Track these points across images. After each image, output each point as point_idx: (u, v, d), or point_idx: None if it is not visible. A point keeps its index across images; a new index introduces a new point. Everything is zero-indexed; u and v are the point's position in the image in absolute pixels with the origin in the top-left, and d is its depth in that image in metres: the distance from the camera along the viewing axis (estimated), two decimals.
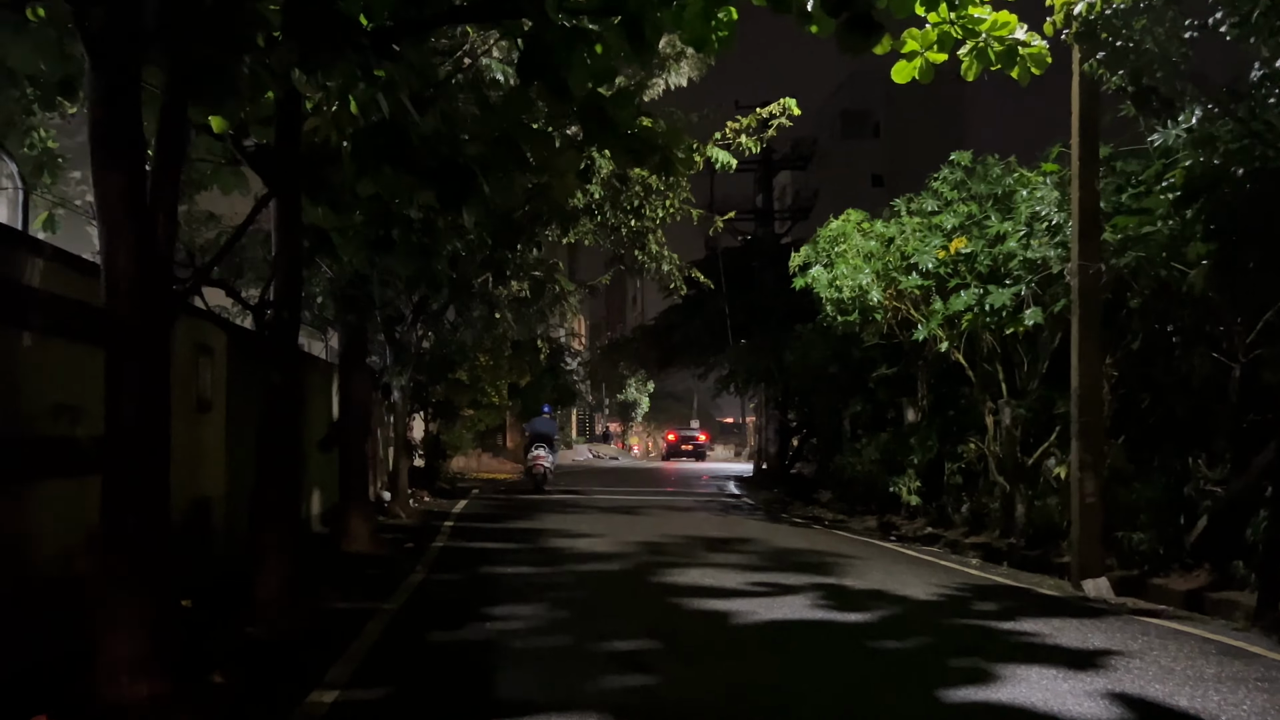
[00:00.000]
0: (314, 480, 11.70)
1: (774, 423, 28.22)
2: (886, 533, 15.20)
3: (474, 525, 13.94)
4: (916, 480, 16.04)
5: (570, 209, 13.68)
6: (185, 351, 7.04)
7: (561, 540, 11.74)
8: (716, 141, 13.34)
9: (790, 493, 23.23)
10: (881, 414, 19.24)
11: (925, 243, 12.57)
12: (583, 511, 16.54)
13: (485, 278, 15.97)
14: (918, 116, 52.13)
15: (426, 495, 19.58)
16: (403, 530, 13.07)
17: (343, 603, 7.17)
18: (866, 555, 11.14)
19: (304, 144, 7.28)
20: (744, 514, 17.42)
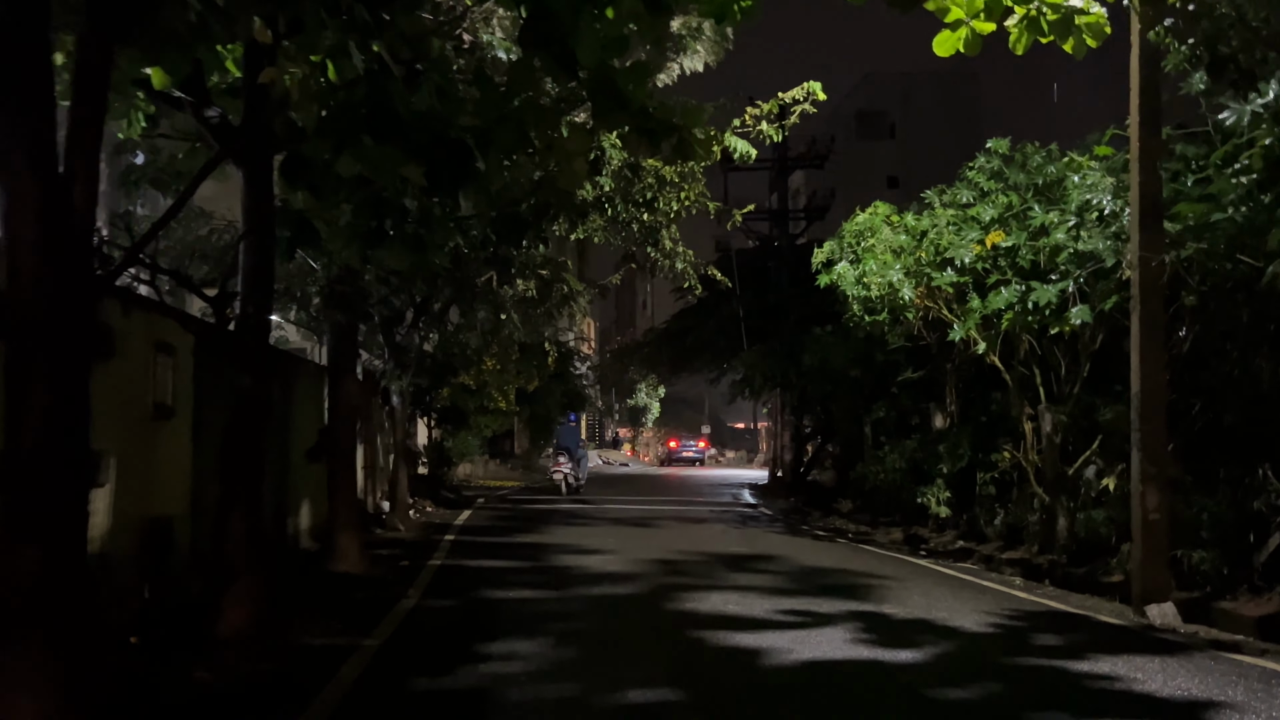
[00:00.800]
0: (303, 493, 10.85)
1: (789, 429, 27.30)
2: (915, 547, 14.28)
3: (476, 539, 13.07)
4: (946, 490, 15.12)
5: (579, 202, 12.82)
6: (139, 351, 6.19)
7: (570, 557, 10.85)
8: (735, 129, 12.45)
9: (808, 502, 22.32)
10: (905, 420, 18.34)
11: (961, 236, 11.66)
12: (593, 523, 15.65)
13: (489, 276, 15.11)
14: (934, 118, 51.23)
15: (430, 505, 18.73)
16: (399, 545, 12.20)
17: (319, 637, 6.29)
18: (901, 575, 10.22)
19: (277, 115, 6.45)
20: (763, 526, 16.51)
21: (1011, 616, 7.85)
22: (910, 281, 12.20)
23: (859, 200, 30.71)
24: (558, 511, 18.03)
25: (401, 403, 15.24)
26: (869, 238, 12.81)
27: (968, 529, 14.67)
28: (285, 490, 10.33)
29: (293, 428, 10.65)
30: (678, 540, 13.14)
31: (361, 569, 9.53)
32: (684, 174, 13.31)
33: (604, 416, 53.61)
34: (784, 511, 19.95)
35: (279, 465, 10.18)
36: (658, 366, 30.65)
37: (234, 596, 6.05)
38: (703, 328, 27.50)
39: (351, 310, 10.09)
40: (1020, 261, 11.05)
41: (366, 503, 15.85)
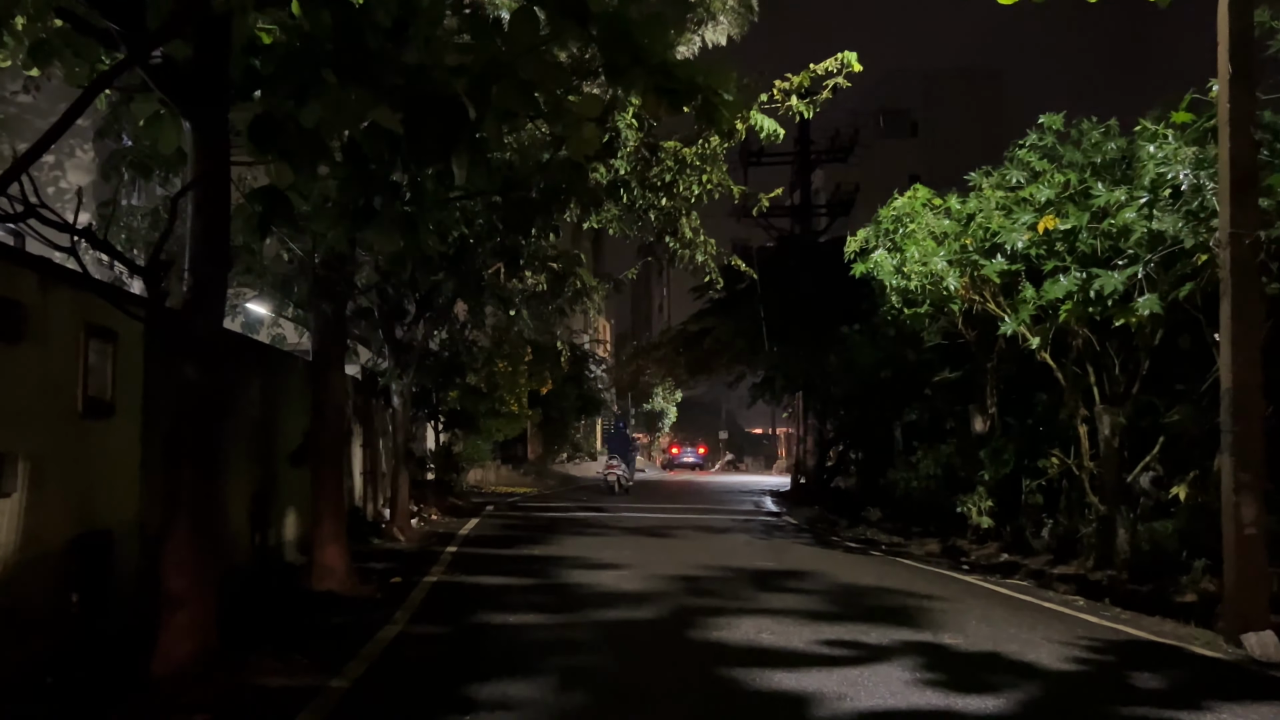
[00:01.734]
0: (289, 501, 9.85)
1: (813, 433, 26.17)
2: (955, 560, 13.18)
3: (480, 551, 12.03)
4: (988, 499, 14.02)
5: (592, 185, 11.81)
6: (63, 334, 5.19)
7: (580, 573, 9.80)
8: (762, 105, 11.40)
9: (834, 510, 21.19)
10: (939, 424, 17.22)
11: (1012, 220, 10.57)
12: (606, 533, 14.60)
13: (496, 268, 14.11)
14: (957, 115, 50.06)
15: (435, 513, 17.72)
16: (396, 557, 11.18)
17: (277, 676, 5.25)
18: (950, 595, 9.12)
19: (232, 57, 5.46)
20: (788, 536, 15.41)
21: (1092, 648, 6.75)
22: (954, 270, 11.12)
23: (882, 199, 29.70)
24: (571, 520, 16.99)
25: (403, 404, 14.24)
26: (908, 223, 11.73)
27: (1012, 541, 13.58)
28: (269, 498, 9.34)
29: (278, 430, 9.66)
30: (699, 553, 12.08)
31: (347, 587, 8.51)
32: (705, 156, 12.26)
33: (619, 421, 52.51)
34: (809, 520, 18.84)
35: (261, 470, 9.20)
36: (675, 369, 29.55)
37: (175, 628, 5.03)
38: (722, 328, 26.41)
39: (338, 299, 9.09)
40: (1081, 246, 9.96)
41: (366, 510, 14.85)
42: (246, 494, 8.67)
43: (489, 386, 23.24)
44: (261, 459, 9.19)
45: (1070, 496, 12.76)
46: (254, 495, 8.88)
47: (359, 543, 12.62)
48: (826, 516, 19.75)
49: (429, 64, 5.22)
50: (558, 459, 35.85)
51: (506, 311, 15.90)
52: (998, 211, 10.80)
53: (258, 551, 8.95)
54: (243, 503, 8.56)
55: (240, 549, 8.47)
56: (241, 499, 8.53)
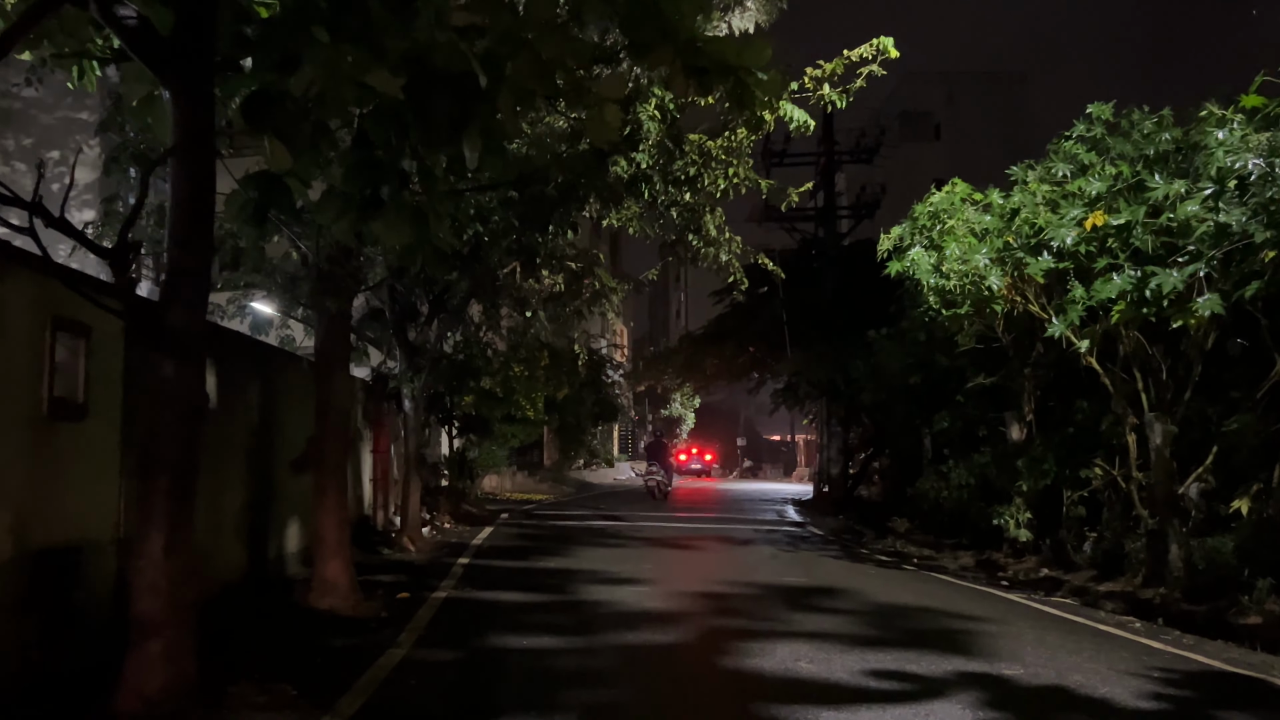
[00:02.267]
0: (292, 511, 9.30)
1: (836, 441, 25.49)
2: (991, 574, 12.53)
3: (493, 563, 11.45)
4: (1026, 511, 13.36)
5: (612, 179, 11.25)
6: (23, 327, 4.63)
7: (599, 589, 9.20)
8: (791, 95, 10.80)
9: (859, 520, 20.53)
10: (971, 432, 16.55)
11: (1060, 215, 9.92)
12: (625, 544, 13.99)
13: (512, 268, 13.56)
14: (981, 118, 49.33)
15: (448, 521, 17.16)
16: (405, 569, 10.61)
17: (261, 712, 4.67)
18: (996, 615, 8.47)
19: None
20: (815, 548, 14.76)
21: (1166, 680, 6.10)
22: (996, 269, 10.47)
23: (904, 203, 28.95)
24: (588, 530, 16.40)
25: (415, 408, 13.68)
26: (946, 219, 11.08)
27: (1052, 555, 12.92)
28: (268, 508, 8.78)
29: (280, 434, 9.11)
30: (723, 566, 11.47)
31: (350, 605, 7.93)
32: (731, 150, 11.67)
33: (636, 428, 51.88)
34: (835, 531, 18.18)
35: (261, 478, 8.65)
36: (695, 374, 28.93)
37: (145, 658, 4.47)
38: (743, 332, 25.79)
39: (344, 296, 8.52)
40: (1135, 242, 9.30)
41: (376, 518, 14.31)
42: (243, 503, 8.12)
43: (505, 391, 22.69)
44: (261, 466, 8.64)
45: (1114, 509, 12.11)
46: (251, 505, 8.33)
47: (368, 553, 12.07)
48: (852, 527, 19.09)
49: (439, 39, 4.67)
50: (574, 465, 35.25)
51: (523, 313, 15.35)
52: (1043, 206, 10.16)
53: (255, 566, 8.39)
54: (239, 513, 8.01)
55: (234, 564, 7.91)
56: (237, 509, 7.97)
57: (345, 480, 8.47)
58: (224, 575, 7.55)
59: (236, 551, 7.94)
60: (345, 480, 8.47)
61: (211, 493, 7.31)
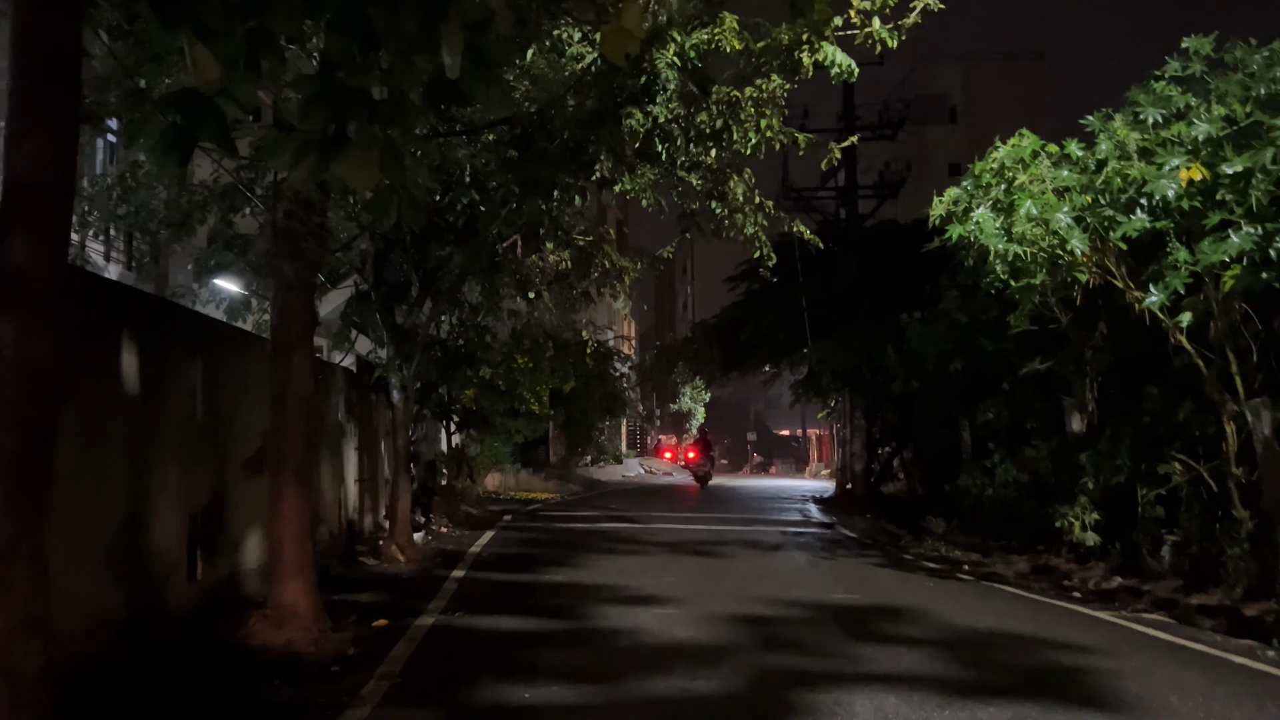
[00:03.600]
0: (248, 519, 7.78)
1: (860, 435, 23.96)
2: (1056, 584, 11.06)
3: (492, 577, 9.94)
4: (1093, 511, 11.82)
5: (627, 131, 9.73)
6: None
7: (617, 612, 7.68)
8: (835, 32, 9.27)
9: (890, 519, 19.01)
10: (1019, 423, 15.03)
11: (1158, 166, 8.38)
12: (642, 551, 12.47)
13: (513, 241, 12.04)
14: (998, 100, 47.67)
15: (446, 524, 15.67)
16: (389, 585, 9.10)
17: None
18: (1104, 644, 6.92)
19: None
20: (853, 554, 13.22)
21: None
22: (1079, 230, 8.92)
23: (918, 188, 27.30)
24: (599, 534, 14.87)
25: (404, 400, 12.17)
26: (1018, 173, 9.52)
27: (1124, 561, 11.42)
28: (218, 517, 7.26)
29: (234, 428, 7.59)
30: (758, 578, 9.95)
31: (311, 638, 6.42)
32: (761, 100, 10.12)
33: (644, 422, 50.37)
34: (869, 533, 16.64)
35: (208, 480, 7.14)
36: (708, 365, 27.37)
37: None
38: (760, 320, 24.21)
39: (306, 259, 6.99)
40: (1254, 194, 7.76)
41: (362, 523, 12.80)
42: (182, 512, 6.60)
43: (507, 384, 21.21)
44: (207, 466, 7.12)
45: (1196, 509, 10.61)
46: (194, 514, 6.81)
47: (349, 564, 10.57)
48: (885, 528, 17.57)
49: None
50: (581, 462, 33.74)
51: (525, 294, 13.83)
52: (1137, 156, 8.62)
53: (202, 587, 6.88)
54: (176, 524, 6.49)
55: (171, 587, 6.40)
56: (174, 519, 6.46)
57: (308, 483, 6.95)
58: (150, 601, 6.04)
59: (176, 571, 6.42)
60: (308, 483, 6.95)
61: (129, 498, 5.79)
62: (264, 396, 7.05)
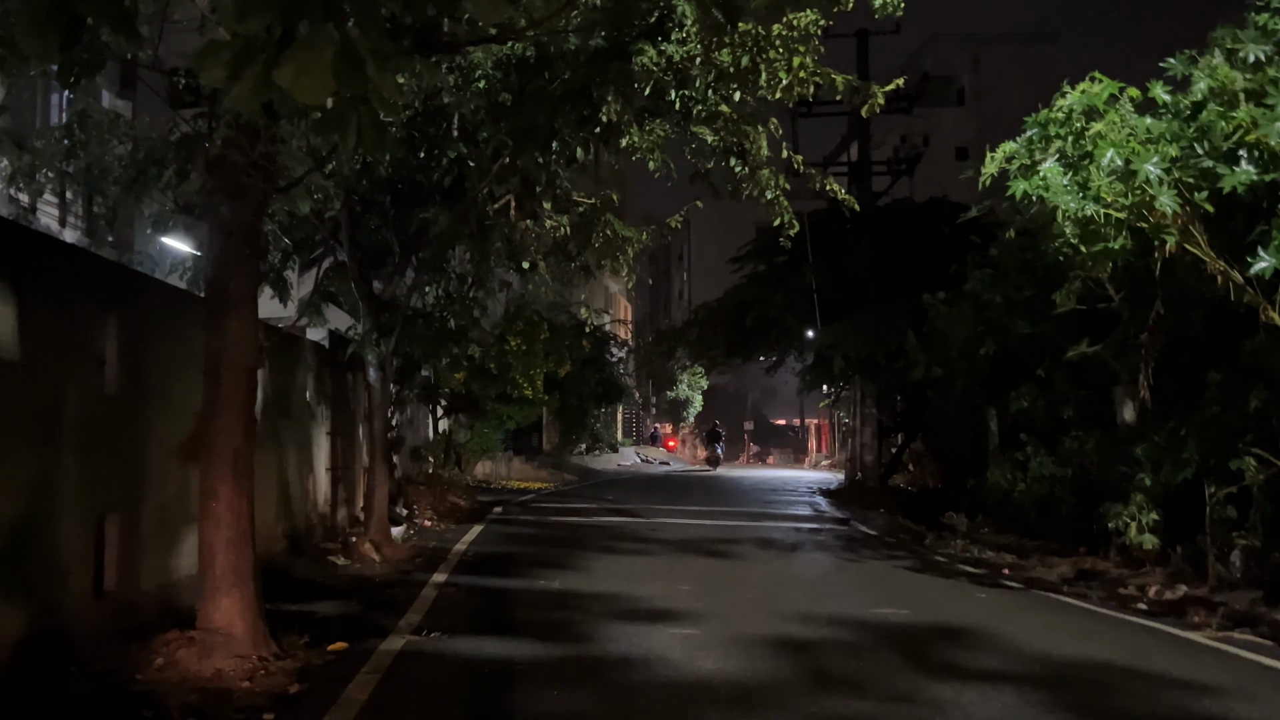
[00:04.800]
0: (185, 517, 6.44)
1: (871, 424, 22.68)
2: (1111, 591, 9.84)
3: (479, 582, 8.63)
4: (1152, 511, 10.59)
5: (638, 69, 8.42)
6: None
7: (627, 632, 6.38)
8: None
9: (905, 513, 17.75)
10: (1055, 412, 13.80)
11: (1270, 106, 7.08)
12: (647, 550, 11.18)
13: (505, 201, 10.68)
14: (1009, 82, 46.21)
15: (431, 517, 14.37)
16: (357, 593, 7.80)
17: None
18: (1227, 681, 5.63)
19: None
20: (880, 555, 11.93)
21: None
22: (1168, 187, 7.60)
23: (924, 173, 25.86)
24: (598, 529, 13.57)
25: (382, 380, 10.85)
26: (1091, 121, 8.19)
27: (1188, 566, 10.21)
28: (136, 516, 5.93)
29: (167, 408, 6.25)
30: (783, 586, 8.67)
31: (247, 668, 5.10)
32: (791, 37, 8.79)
33: (641, 410, 49.02)
34: (888, 531, 15.37)
35: (127, 471, 5.81)
36: (711, 350, 26.04)
37: None
38: (767, 303, 22.90)
39: (248, 197, 5.63)
40: None
41: (336, 517, 11.48)
42: (88, 510, 5.27)
43: (499, 367, 19.90)
44: (126, 453, 5.79)
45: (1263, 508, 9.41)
46: (104, 513, 5.48)
47: (316, 565, 9.26)
48: (905, 525, 16.30)
49: None
50: (575, 450, 32.40)
51: (518, 265, 12.46)
52: (1243, 98, 7.31)
53: (114, 603, 5.55)
54: (79, 526, 5.17)
55: (69, 603, 5.07)
56: (76, 520, 5.13)
57: (249, 475, 5.61)
58: (42, 623, 4.72)
59: (69, 584, 5.09)
60: (249, 475, 5.61)
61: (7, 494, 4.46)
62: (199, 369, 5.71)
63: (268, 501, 8.74)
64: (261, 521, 8.21)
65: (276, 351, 8.77)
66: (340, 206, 10.27)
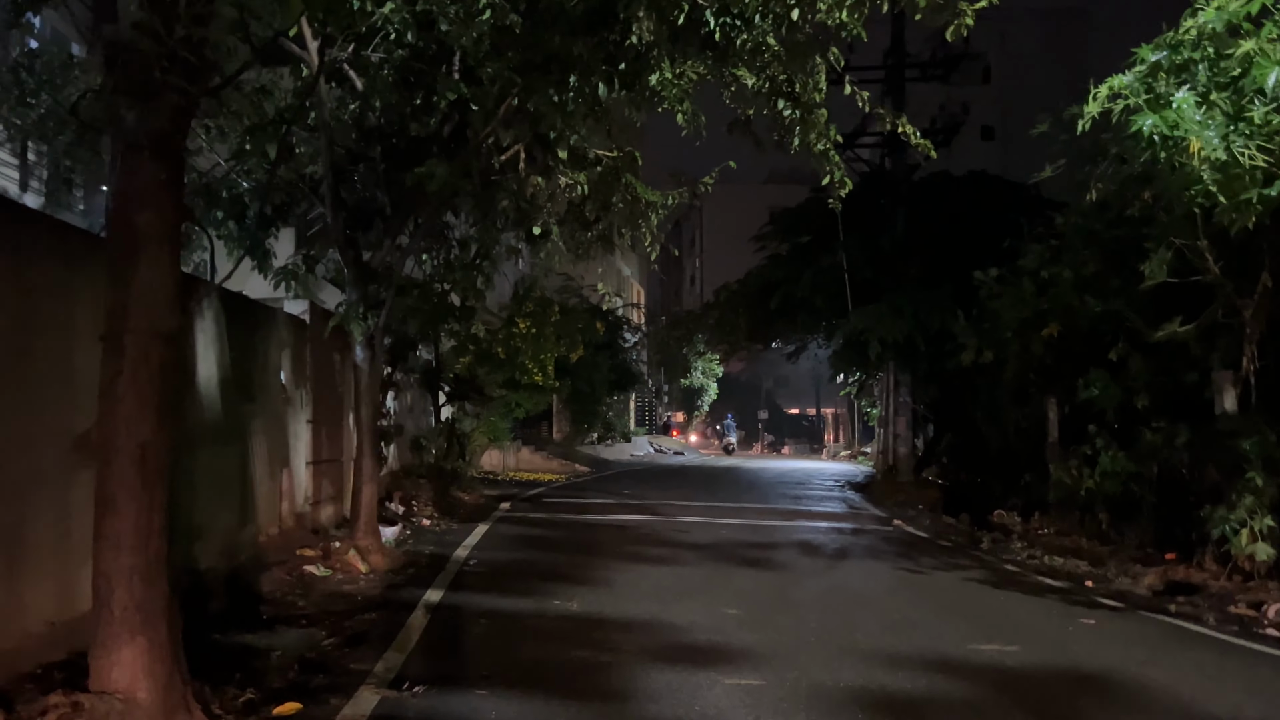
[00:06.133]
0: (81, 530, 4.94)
1: (905, 413, 21.14)
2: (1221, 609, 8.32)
3: (481, 603, 7.13)
4: (1266, 516, 9.12)
5: None
6: None
7: (669, 681, 4.89)
8: None
9: (946, 510, 16.25)
10: (1130, 401, 12.29)
11: None
12: (677, 558, 9.67)
13: (514, 152, 9.17)
14: (1035, 59, 44.59)
15: (431, 513, 12.92)
16: (330, 618, 6.32)
17: None
18: None
19: None
20: (940, 562, 10.40)
21: None
22: None
23: (948, 152, 24.20)
24: (618, 529, 12.09)
25: (371, 360, 9.35)
26: (1233, 45, 6.64)
27: None
28: (25, 529, 4.45)
29: (64, 388, 4.76)
30: (848, 609, 7.17)
31: None
32: None
33: (653, 399, 47.45)
34: (936, 531, 13.85)
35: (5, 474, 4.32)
36: (732, 334, 24.47)
37: None
38: (794, 284, 21.32)
39: (157, 96, 4.12)
40: None
41: (317, 517, 10.03)
42: None
43: (507, 352, 18.40)
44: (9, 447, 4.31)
45: None
46: None
47: (282, 581, 7.78)
48: (952, 524, 14.79)
49: None
50: (586, 439, 30.90)
51: (527, 232, 10.91)
52: None
53: None
54: None
55: None
56: None
57: (162, 480, 4.11)
58: None
59: None
60: (162, 480, 4.11)
61: None
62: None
63: (228, 503, 7.28)
64: (221, 526, 6.74)
65: (236, 321, 7.29)
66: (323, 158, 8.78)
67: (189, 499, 6.39)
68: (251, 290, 9.02)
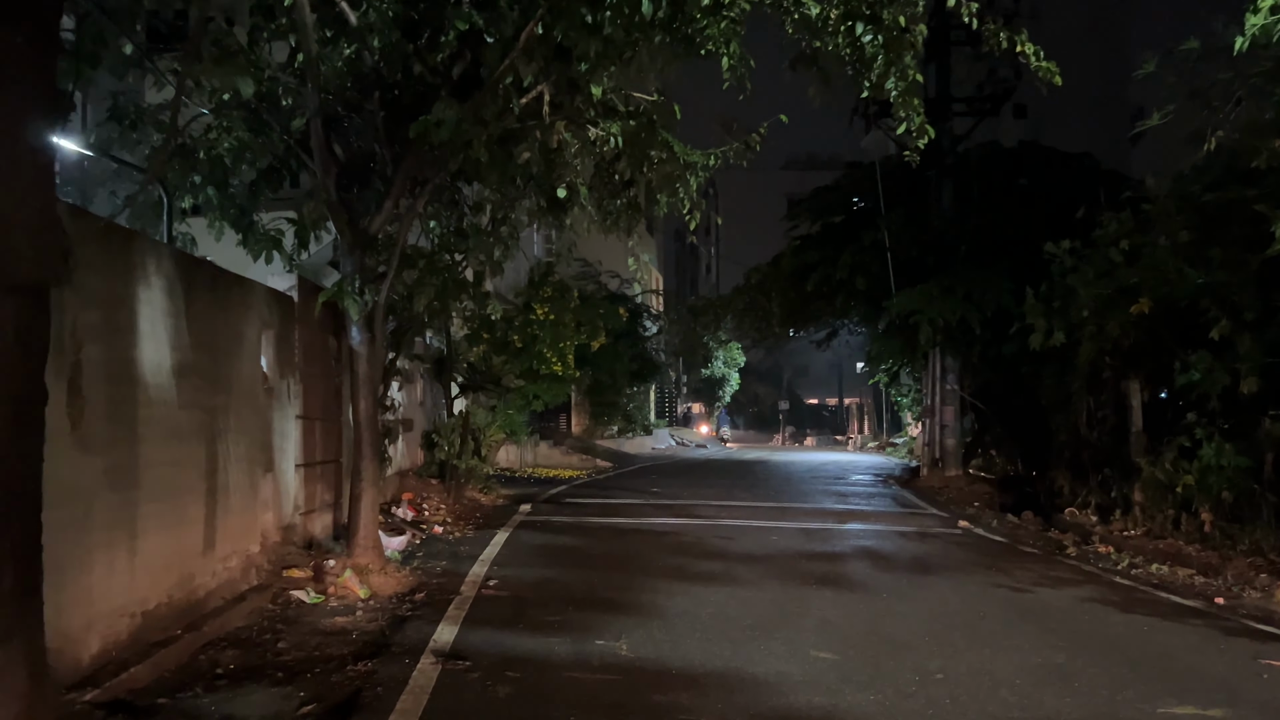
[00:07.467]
0: None
1: (953, 402, 19.58)
2: None
3: (503, 643, 5.66)
4: None
5: None
6: None
7: None
8: None
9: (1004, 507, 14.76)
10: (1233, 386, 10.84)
11: None
12: (732, 575, 8.17)
13: (536, 94, 7.67)
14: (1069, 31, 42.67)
15: (445, 519, 11.51)
16: (309, 670, 4.87)
17: None
18: None
19: None
20: (1034, 574, 8.87)
21: None
22: None
23: (978, 131, 22.47)
24: (656, 536, 10.63)
25: (369, 344, 7.88)
26: None
27: None
28: None
29: None
30: (972, 649, 5.70)
31: None
32: None
33: (673, 389, 45.93)
34: (1011, 534, 12.33)
35: None
36: (764, 319, 22.93)
37: None
38: (832, 264, 19.77)
39: None
40: None
41: (309, 528, 8.57)
42: None
43: (525, 340, 16.99)
44: None
45: None
46: None
47: (261, 613, 6.34)
48: (1021, 524, 13.29)
49: None
50: (605, 432, 29.43)
51: (551, 194, 9.39)
52: None
53: None
54: None
55: None
56: None
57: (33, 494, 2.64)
58: None
59: None
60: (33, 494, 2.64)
61: None
62: None
63: (189, 518, 5.82)
64: (179, 549, 5.30)
65: (199, 294, 5.82)
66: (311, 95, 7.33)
67: (125, 519, 4.94)
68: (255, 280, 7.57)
